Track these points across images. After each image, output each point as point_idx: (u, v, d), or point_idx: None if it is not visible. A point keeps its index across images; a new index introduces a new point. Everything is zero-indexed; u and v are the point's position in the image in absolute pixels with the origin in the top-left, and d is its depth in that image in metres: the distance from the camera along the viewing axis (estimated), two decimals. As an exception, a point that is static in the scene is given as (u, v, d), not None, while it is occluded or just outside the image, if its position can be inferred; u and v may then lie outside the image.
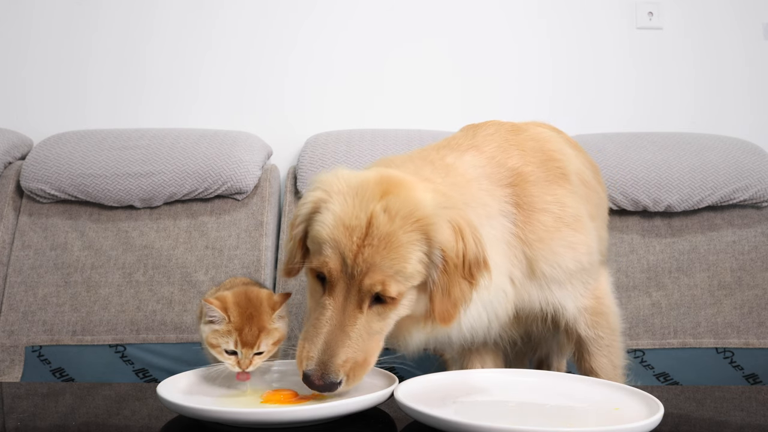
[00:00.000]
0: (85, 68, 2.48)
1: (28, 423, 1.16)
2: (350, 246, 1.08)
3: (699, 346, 2.03)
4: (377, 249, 1.08)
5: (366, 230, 1.08)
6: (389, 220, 1.09)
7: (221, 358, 1.19)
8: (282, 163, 2.42)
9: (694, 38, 2.51)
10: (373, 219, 1.09)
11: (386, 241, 1.08)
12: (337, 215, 1.11)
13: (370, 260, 1.08)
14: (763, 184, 2.13)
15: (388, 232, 1.08)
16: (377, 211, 1.09)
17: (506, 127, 1.40)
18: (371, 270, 1.08)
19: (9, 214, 2.18)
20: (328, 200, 1.13)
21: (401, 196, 1.12)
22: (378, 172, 1.18)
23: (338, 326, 1.09)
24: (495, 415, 1.09)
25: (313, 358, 1.08)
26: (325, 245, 1.10)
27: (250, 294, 1.23)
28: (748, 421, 1.21)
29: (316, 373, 1.07)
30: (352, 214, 1.10)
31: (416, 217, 1.10)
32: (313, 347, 1.09)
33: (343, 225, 1.10)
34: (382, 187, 1.12)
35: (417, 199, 1.12)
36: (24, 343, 2.02)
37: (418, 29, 2.51)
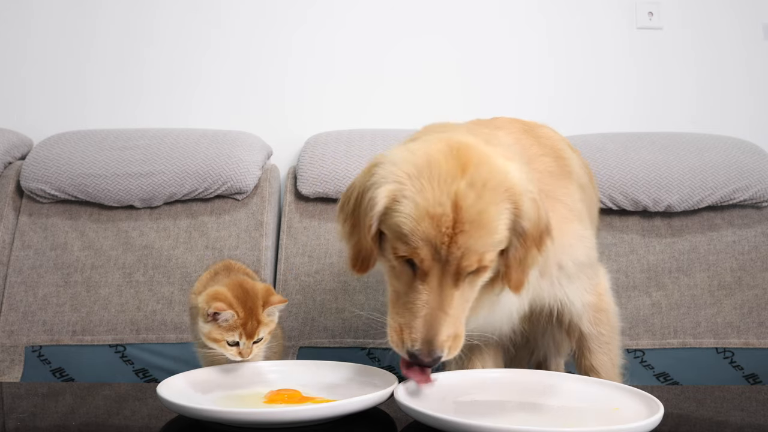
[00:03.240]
0: (85, 68, 2.48)
1: (28, 423, 1.16)
2: (440, 237, 1.04)
3: (699, 346, 2.03)
4: (470, 233, 1.04)
5: (454, 216, 1.04)
6: (477, 196, 1.05)
7: (222, 350, 1.22)
8: (282, 163, 2.42)
9: (694, 38, 2.51)
10: (459, 201, 1.04)
11: (478, 221, 1.05)
12: (419, 205, 1.05)
13: (464, 245, 1.04)
14: (763, 184, 2.13)
15: (479, 211, 1.04)
16: (462, 190, 1.04)
17: (519, 121, 1.43)
18: (467, 253, 1.05)
19: (9, 214, 2.18)
20: (403, 189, 1.07)
21: (484, 165, 1.07)
22: (444, 142, 1.11)
23: (437, 307, 1.08)
24: (495, 415, 1.09)
25: (417, 339, 1.08)
26: (412, 237, 1.06)
27: (246, 286, 1.25)
28: (748, 421, 1.21)
29: (423, 351, 1.07)
30: (435, 201, 1.04)
31: (505, 187, 1.07)
32: (415, 329, 1.08)
33: (428, 216, 1.04)
34: (459, 161, 1.07)
35: (502, 167, 1.09)
36: (24, 343, 2.02)
37: (417, 29, 2.51)
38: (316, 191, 2.17)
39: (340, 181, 2.15)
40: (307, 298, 2.10)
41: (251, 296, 1.23)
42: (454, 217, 1.04)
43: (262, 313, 1.23)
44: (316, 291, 2.10)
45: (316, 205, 2.21)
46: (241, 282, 1.26)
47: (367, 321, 2.07)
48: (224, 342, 1.21)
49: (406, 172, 1.08)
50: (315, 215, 2.20)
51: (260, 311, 1.23)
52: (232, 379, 1.25)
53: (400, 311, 1.12)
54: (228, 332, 1.21)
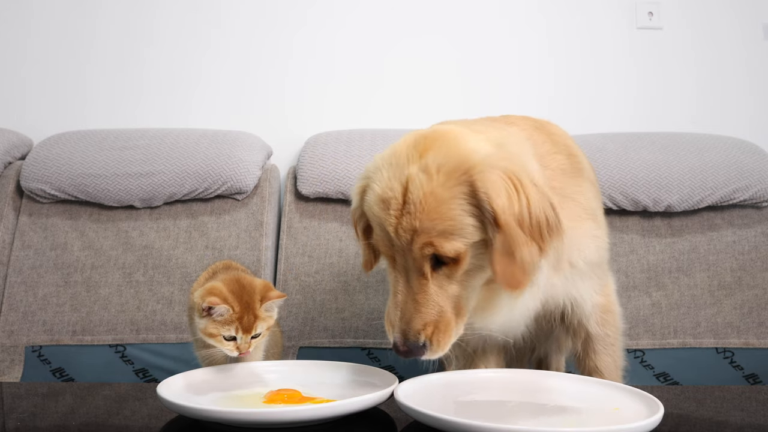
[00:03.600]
0: (85, 68, 2.48)
1: (28, 423, 1.16)
2: (389, 219, 1.07)
3: (699, 346, 2.03)
4: (415, 215, 1.05)
5: (402, 198, 1.06)
6: (428, 179, 1.05)
7: (219, 345, 1.22)
8: (282, 163, 2.42)
9: (694, 38, 2.51)
10: (409, 184, 1.06)
11: (424, 203, 1.04)
12: (376, 192, 1.10)
13: (410, 227, 1.05)
14: (763, 184, 2.13)
15: (425, 193, 1.04)
16: (413, 174, 1.06)
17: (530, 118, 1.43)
18: (416, 236, 1.05)
19: (9, 214, 2.18)
20: (370, 182, 1.12)
21: (443, 150, 1.07)
22: (417, 132, 1.14)
23: (409, 295, 1.09)
24: (495, 415, 1.09)
25: (395, 325, 1.10)
26: (374, 225, 1.10)
27: (243, 281, 1.25)
28: (748, 421, 1.21)
29: (400, 339, 1.09)
30: (387, 186, 1.08)
31: (462, 170, 1.05)
32: (394, 317, 1.11)
33: (380, 200, 1.08)
34: (419, 147, 1.09)
35: (463, 149, 1.08)
36: (24, 343, 2.02)
37: (417, 29, 2.51)
38: (316, 191, 2.17)
39: (340, 181, 2.15)
40: (307, 298, 2.10)
41: (248, 291, 1.23)
42: (402, 199, 1.06)
43: (260, 308, 1.23)
44: (316, 291, 2.10)
45: (316, 205, 2.21)
46: (238, 277, 1.26)
47: (367, 321, 2.07)
48: (221, 337, 1.21)
49: (375, 165, 1.13)
50: (315, 215, 2.20)
51: (257, 306, 1.23)
52: (232, 379, 1.25)
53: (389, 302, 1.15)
54: (224, 327, 1.21)
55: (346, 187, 2.15)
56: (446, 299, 1.10)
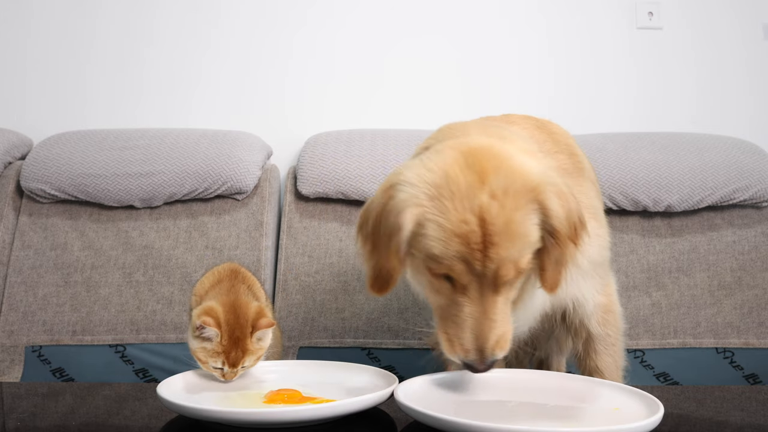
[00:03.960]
0: (85, 68, 2.48)
1: (28, 423, 1.16)
2: (472, 254, 1.03)
3: (699, 346, 2.03)
4: (500, 244, 1.03)
5: (481, 231, 1.02)
6: (501, 206, 1.03)
7: (208, 370, 1.22)
8: (282, 163, 2.42)
9: (694, 38, 2.51)
10: (484, 215, 1.02)
11: (506, 231, 1.03)
12: (445, 227, 1.03)
13: (497, 257, 1.03)
14: (763, 184, 2.13)
15: (505, 221, 1.03)
16: (485, 203, 1.03)
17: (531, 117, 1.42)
18: (502, 264, 1.04)
19: (9, 214, 2.18)
20: (425, 212, 1.05)
21: (501, 171, 1.05)
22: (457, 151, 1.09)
23: (482, 316, 1.07)
24: (495, 415, 1.09)
25: (469, 350, 1.08)
26: (444, 257, 1.05)
27: (239, 309, 1.23)
28: (748, 421, 1.21)
29: (478, 359, 1.08)
30: (460, 220, 1.03)
31: (528, 189, 1.05)
32: (465, 340, 1.08)
33: (455, 236, 1.03)
34: (476, 171, 1.05)
35: (521, 168, 1.07)
36: (24, 343, 2.02)
37: (417, 29, 2.51)
38: (316, 191, 2.17)
39: (340, 181, 2.15)
40: (307, 298, 2.10)
41: (240, 323, 1.21)
42: (482, 233, 1.02)
43: (250, 340, 1.21)
44: (316, 291, 2.10)
45: (316, 205, 2.21)
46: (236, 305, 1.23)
47: (367, 321, 2.07)
48: (208, 365, 1.21)
49: (425, 193, 1.06)
50: (315, 215, 2.20)
51: (248, 340, 1.21)
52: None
53: (447, 324, 1.10)
54: (211, 357, 1.20)
55: (346, 187, 2.15)
56: (508, 306, 1.11)
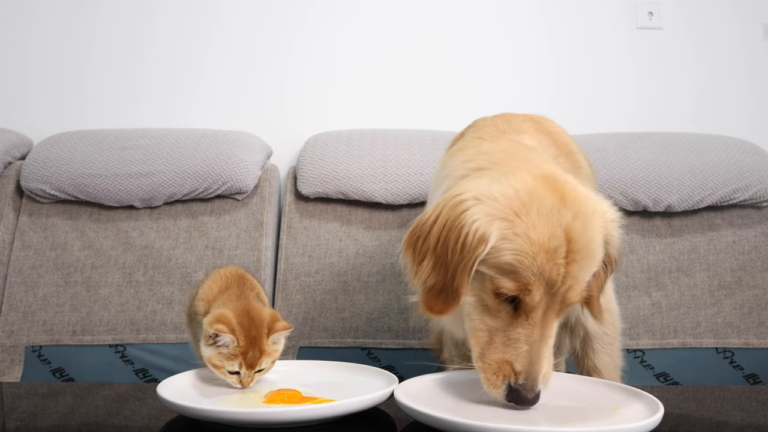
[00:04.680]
0: (85, 68, 2.48)
1: (28, 423, 1.16)
2: (556, 270, 1.04)
3: (699, 346, 2.03)
4: (580, 263, 1.05)
5: (568, 247, 1.04)
6: (583, 226, 1.05)
7: (222, 377, 1.18)
8: (282, 163, 2.42)
9: (694, 38, 2.51)
10: (570, 232, 1.04)
11: (586, 250, 1.06)
12: (534, 240, 1.03)
13: (574, 276, 1.05)
14: (763, 184, 2.13)
15: (587, 241, 1.05)
16: (570, 222, 1.05)
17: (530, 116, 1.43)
18: (574, 284, 1.06)
19: (9, 214, 2.18)
20: (513, 226, 1.04)
21: (579, 196, 1.09)
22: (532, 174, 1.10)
23: (539, 340, 1.07)
24: (495, 415, 1.09)
25: (521, 372, 1.06)
26: (526, 272, 1.04)
27: (252, 313, 1.21)
28: (748, 421, 1.21)
29: (527, 385, 1.05)
30: (551, 234, 1.04)
31: (599, 215, 1.09)
32: (518, 363, 1.06)
33: (544, 250, 1.03)
34: (558, 193, 1.07)
35: (590, 197, 1.11)
36: (24, 343, 2.02)
37: (417, 29, 2.51)
38: (316, 191, 2.17)
39: (340, 181, 2.15)
40: (307, 298, 2.10)
41: (256, 324, 1.19)
42: (567, 249, 1.04)
43: (267, 342, 1.19)
44: (316, 291, 2.10)
45: (316, 205, 2.21)
46: (248, 309, 1.22)
47: (367, 321, 2.07)
48: (224, 369, 1.18)
49: (512, 209, 1.05)
50: (315, 215, 2.20)
51: (264, 340, 1.19)
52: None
53: (496, 348, 1.08)
54: (228, 360, 1.17)
55: (346, 187, 2.15)
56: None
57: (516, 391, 1.06)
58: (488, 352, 1.08)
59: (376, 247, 2.15)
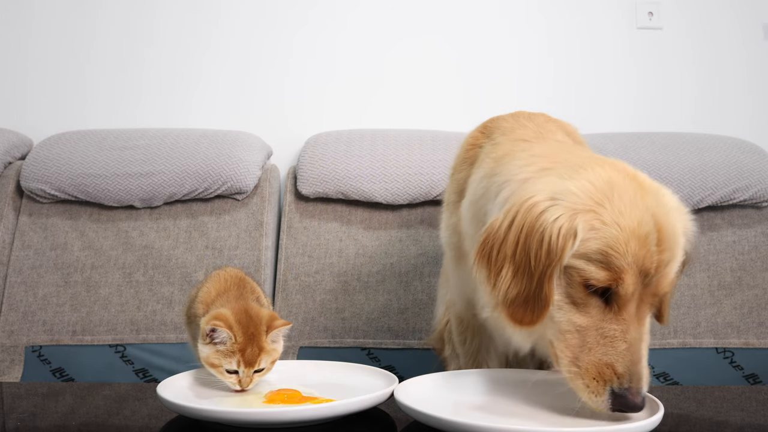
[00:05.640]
0: (85, 68, 2.49)
1: (28, 423, 1.16)
2: (650, 257, 0.98)
3: (699, 346, 2.03)
4: (671, 250, 1.01)
5: (658, 234, 0.99)
6: (666, 215, 1.01)
7: (221, 377, 1.17)
8: (282, 163, 2.42)
9: (694, 38, 2.51)
10: (658, 219, 1.00)
11: (674, 238, 1.01)
12: (624, 227, 0.98)
13: (666, 265, 1.00)
14: (763, 184, 2.13)
15: (674, 228, 1.01)
16: (656, 209, 1.01)
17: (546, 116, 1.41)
18: (666, 274, 1.01)
19: (9, 214, 2.18)
20: (600, 216, 0.99)
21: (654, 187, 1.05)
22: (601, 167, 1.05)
23: (638, 338, 1.00)
24: (495, 415, 1.09)
25: (624, 374, 0.98)
26: (619, 261, 0.98)
27: (251, 311, 1.20)
28: (748, 421, 1.21)
29: (633, 388, 0.98)
30: (639, 220, 0.99)
31: (676, 206, 1.06)
32: (619, 364, 0.98)
33: (635, 236, 0.98)
34: (637, 183, 1.03)
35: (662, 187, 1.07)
36: (24, 343, 2.02)
37: (417, 29, 2.51)
38: (316, 191, 2.17)
39: (340, 181, 2.15)
40: (307, 298, 2.10)
41: (254, 322, 1.18)
42: (659, 235, 1.00)
43: (266, 339, 1.19)
44: (316, 291, 2.10)
45: (316, 205, 2.21)
46: (246, 308, 1.21)
47: (367, 321, 2.07)
48: (222, 368, 1.17)
49: (594, 199, 1.00)
50: (315, 215, 2.20)
51: (263, 338, 1.18)
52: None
53: (591, 349, 0.99)
54: (226, 358, 1.16)
55: (346, 187, 2.15)
56: None
57: (621, 396, 0.97)
58: (582, 355, 1.00)
59: (376, 247, 2.15)
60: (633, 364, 0.98)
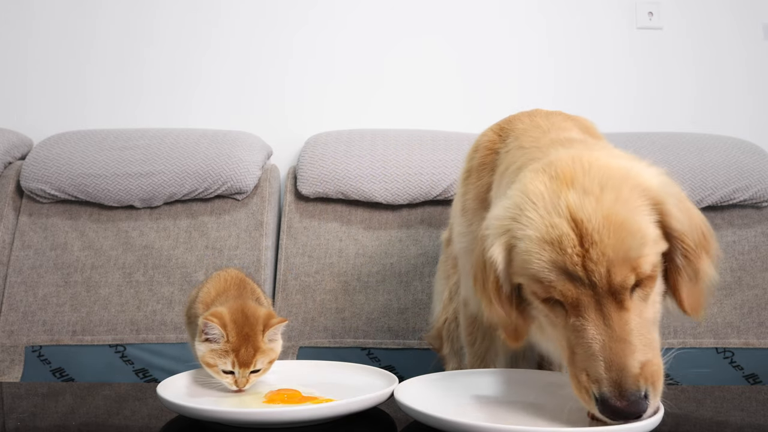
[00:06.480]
0: (85, 68, 2.49)
1: (28, 423, 1.16)
2: (569, 259, 0.92)
3: (699, 346, 2.03)
4: (603, 242, 0.91)
5: (576, 231, 0.93)
6: (596, 200, 0.93)
7: (218, 377, 1.17)
8: (282, 163, 2.42)
9: (694, 38, 2.51)
10: (575, 214, 0.93)
11: (607, 225, 0.92)
12: (533, 238, 0.95)
13: (602, 258, 0.92)
14: (763, 184, 2.12)
15: (605, 215, 0.92)
16: (573, 201, 0.93)
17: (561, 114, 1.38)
18: (612, 266, 0.92)
19: (9, 214, 2.18)
20: (513, 235, 0.98)
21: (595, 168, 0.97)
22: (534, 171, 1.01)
23: (609, 338, 0.93)
24: (495, 415, 1.09)
25: (601, 379, 0.92)
26: (538, 272, 0.95)
27: (247, 311, 1.20)
28: (748, 421, 1.20)
29: (614, 393, 0.91)
30: (550, 225, 0.94)
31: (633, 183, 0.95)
32: (597, 371, 0.92)
33: (546, 243, 0.94)
34: (560, 178, 0.97)
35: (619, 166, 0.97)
36: (24, 343, 2.02)
37: (417, 29, 2.51)
38: (316, 191, 2.17)
39: (340, 181, 2.15)
40: (307, 298, 2.10)
41: (250, 322, 1.18)
42: (577, 233, 0.93)
43: (262, 339, 1.18)
44: (316, 291, 2.10)
45: (316, 205, 2.21)
46: (243, 307, 1.21)
47: (367, 321, 2.07)
48: (218, 369, 1.17)
49: (511, 217, 0.99)
50: (315, 215, 2.20)
51: (259, 337, 1.18)
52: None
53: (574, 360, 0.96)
54: (220, 358, 1.16)
55: (346, 187, 2.15)
56: (648, 327, 0.96)
57: (603, 402, 0.92)
58: (571, 366, 0.98)
59: (376, 247, 2.15)
60: (609, 368, 0.92)
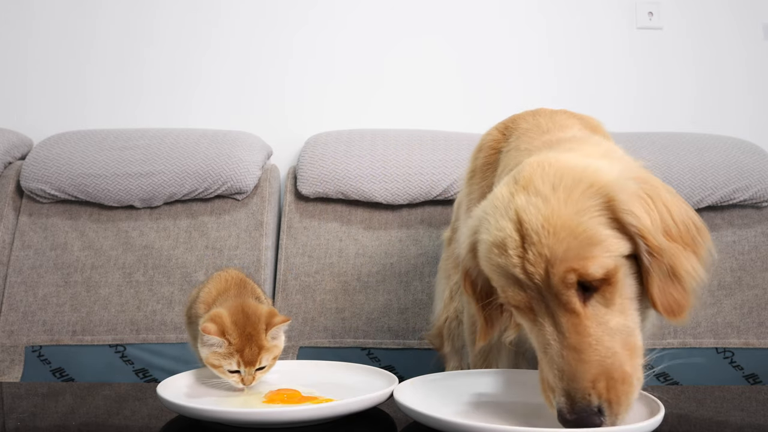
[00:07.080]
0: (85, 68, 2.49)
1: (28, 423, 1.16)
2: (510, 261, 0.92)
3: (699, 346, 2.03)
4: (541, 242, 0.90)
5: (518, 233, 0.92)
6: (544, 201, 0.91)
7: (224, 377, 1.17)
8: (282, 163, 2.42)
9: (694, 38, 2.51)
10: (521, 215, 0.92)
11: (547, 226, 0.90)
12: (486, 241, 0.96)
13: (539, 258, 0.90)
14: (763, 184, 2.13)
15: (545, 215, 0.90)
16: (521, 204, 0.93)
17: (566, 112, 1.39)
18: (550, 266, 0.89)
19: (9, 214, 2.18)
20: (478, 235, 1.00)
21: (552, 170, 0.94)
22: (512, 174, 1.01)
23: (563, 344, 0.90)
24: (495, 416, 1.09)
25: (556, 388, 0.90)
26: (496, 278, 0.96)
27: (248, 310, 1.20)
28: (748, 421, 1.20)
29: (565, 404, 0.88)
30: (496, 228, 0.94)
31: (586, 184, 0.92)
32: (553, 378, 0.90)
33: (493, 246, 0.94)
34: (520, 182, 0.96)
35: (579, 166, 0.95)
36: (24, 343, 2.02)
37: (417, 29, 2.51)
38: (316, 191, 2.17)
39: (340, 181, 2.15)
40: (307, 298, 2.10)
41: (252, 321, 1.18)
42: (519, 235, 0.92)
43: (265, 337, 1.18)
44: (316, 291, 2.10)
45: (316, 205, 2.21)
46: (243, 306, 1.20)
47: (367, 321, 2.07)
48: (223, 369, 1.17)
49: (479, 217, 1.01)
50: (315, 215, 2.20)
51: (262, 336, 1.18)
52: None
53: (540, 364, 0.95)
54: (225, 359, 1.16)
55: (346, 187, 2.16)
56: (611, 335, 0.90)
57: (558, 412, 0.90)
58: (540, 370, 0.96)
59: (376, 247, 2.15)
60: (562, 377, 0.89)
